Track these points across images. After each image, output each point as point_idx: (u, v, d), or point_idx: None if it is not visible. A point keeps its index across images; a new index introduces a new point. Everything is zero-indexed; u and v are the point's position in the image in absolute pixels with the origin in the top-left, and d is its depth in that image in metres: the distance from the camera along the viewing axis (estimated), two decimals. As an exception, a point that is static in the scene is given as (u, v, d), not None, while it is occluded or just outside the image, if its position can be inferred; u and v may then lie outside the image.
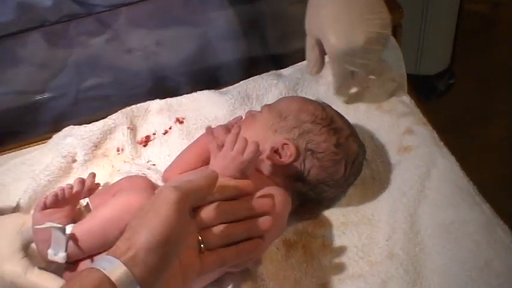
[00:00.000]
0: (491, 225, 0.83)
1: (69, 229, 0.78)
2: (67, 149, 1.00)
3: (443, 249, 0.82)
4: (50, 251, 0.77)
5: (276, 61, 1.16)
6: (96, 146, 1.01)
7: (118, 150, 1.02)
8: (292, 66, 1.13)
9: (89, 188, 0.88)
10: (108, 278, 0.58)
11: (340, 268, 0.83)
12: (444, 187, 0.89)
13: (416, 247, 0.84)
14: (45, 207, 0.81)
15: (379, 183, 0.91)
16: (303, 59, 1.15)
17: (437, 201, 0.88)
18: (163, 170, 0.96)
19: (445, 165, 0.92)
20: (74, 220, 0.82)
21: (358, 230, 0.86)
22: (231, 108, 1.05)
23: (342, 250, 0.85)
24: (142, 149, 1.03)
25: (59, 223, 0.78)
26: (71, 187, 0.84)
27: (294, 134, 0.86)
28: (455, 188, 0.89)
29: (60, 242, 0.76)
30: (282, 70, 1.12)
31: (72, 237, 0.77)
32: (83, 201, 0.88)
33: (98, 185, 0.92)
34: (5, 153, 1.05)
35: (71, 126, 1.03)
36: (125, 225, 0.67)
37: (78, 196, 0.86)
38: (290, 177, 0.85)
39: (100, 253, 0.78)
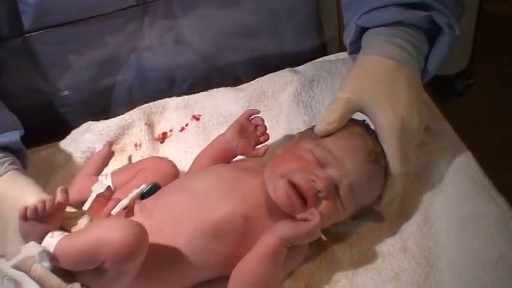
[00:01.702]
0: (506, 218, 0.83)
1: (55, 240, 0.74)
2: (86, 145, 1.02)
3: (457, 242, 0.82)
4: (36, 260, 0.73)
5: (291, 58, 1.16)
6: (114, 141, 1.03)
7: (136, 145, 1.03)
8: (307, 63, 1.14)
9: (105, 155, 0.93)
10: None
11: (354, 261, 0.84)
12: (460, 181, 0.89)
13: (430, 240, 0.84)
14: (25, 218, 0.74)
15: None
16: (318, 56, 1.17)
17: (452, 195, 0.88)
18: (179, 167, 0.97)
19: (460, 160, 0.92)
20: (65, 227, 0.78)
21: (371, 223, 0.87)
22: (247, 104, 1.06)
23: (354, 243, 0.85)
24: (160, 145, 1.04)
25: (45, 232, 0.75)
26: (53, 199, 0.75)
27: (358, 212, 0.84)
28: (470, 182, 0.89)
29: (43, 258, 0.73)
30: (297, 67, 1.13)
31: (56, 253, 0.73)
32: (105, 176, 0.90)
33: (113, 153, 0.97)
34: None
35: (89, 122, 1.05)
36: (99, 260, 0.70)
37: (63, 206, 0.77)
38: None
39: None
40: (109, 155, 0.97)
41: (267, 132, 0.91)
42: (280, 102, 1.07)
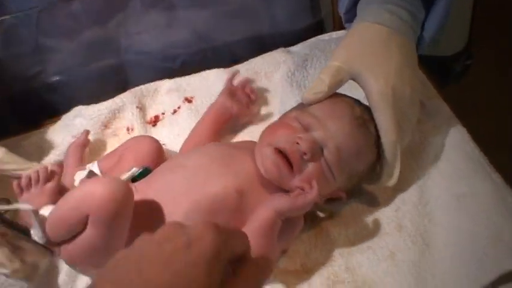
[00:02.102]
0: (502, 195, 0.82)
1: (47, 211, 0.77)
2: (77, 129, 1.00)
3: (453, 220, 0.81)
4: (32, 231, 0.76)
5: (287, 37, 1.14)
6: (105, 126, 1.02)
7: (128, 129, 1.02)
8: (301, 43, 1.12)
9: (82, 143, 0.94)
10: None
11: (349, 240, 0.83)
12: (455, 158, 0.88)
13: (425, 219, 0.83)
14: (20, 189, 0.81)
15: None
16: (315, 34, 1.15)
17: (448, 172, 0.86)
18: (172, 150, 0.96)
19: (456, 137, 0.90)
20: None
21: (366, 201, 0.86)
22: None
23: (349, 222, 0.84)
24: (152, 129, 1.03)
25: (36, 206, 0.77)
26: (46, 168, 0.82)
27: (352, 184, 0.83)
28: (466, 160, 0.87)
29: (35, 224, 0.75)
30: (290, 47, 1.11)
31: (47, 223, 0.76)
32: (91, 164, 0.90)
33: (88, 141, 0.97)
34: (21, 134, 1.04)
35: (80, 107, 1.03)
36: (83, 215, 0.69)
37: (55, 176, 0.85)
38: None
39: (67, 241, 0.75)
40: (85, 144, 0.96)
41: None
42: (274, 83, 1.05)
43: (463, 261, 0.77)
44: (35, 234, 0.75)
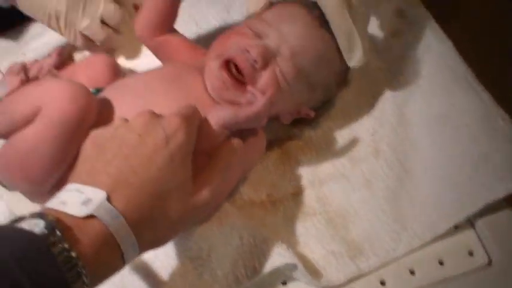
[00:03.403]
0: (490, 114, 0.73)
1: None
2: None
3: (435, 143, 0.73)
4: None
5: None
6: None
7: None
8: None
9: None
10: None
11: (320, 168, 0.75)
12: (438, 74, 0.79)
13: (404, 142, 0.74)
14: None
15: (365, 71, 0.79)
16: None
17: (430, 90, 0.77)
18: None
19: (440, 50, 0.81)
20: None
21: (340, 124, 0.77)
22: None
23: (321, 148, 0.76)
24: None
25: None
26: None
27: (317, 98, 0.74)
28: (450, 75, 0.78)
29: None
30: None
31: None
32: None
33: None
34: None
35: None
36: (34, 106, 0.62)
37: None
38: None
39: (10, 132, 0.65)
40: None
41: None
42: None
43: (446, 189, 0.70)
44: None
